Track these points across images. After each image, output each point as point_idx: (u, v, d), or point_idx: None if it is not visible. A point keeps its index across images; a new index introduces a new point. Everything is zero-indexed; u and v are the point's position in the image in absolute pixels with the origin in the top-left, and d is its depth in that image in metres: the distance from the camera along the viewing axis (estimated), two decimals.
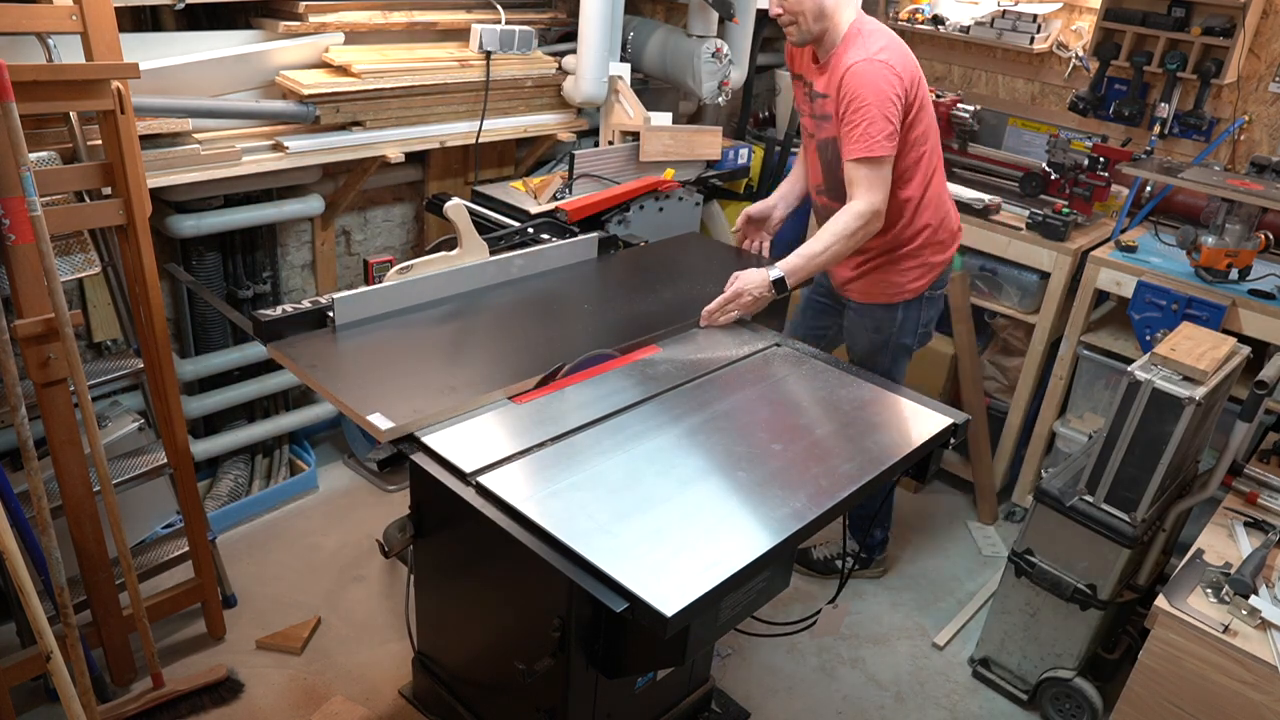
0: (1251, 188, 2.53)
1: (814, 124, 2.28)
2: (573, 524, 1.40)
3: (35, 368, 1.90)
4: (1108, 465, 2.18)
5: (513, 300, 2.12)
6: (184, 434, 2.29)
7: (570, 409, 1.73)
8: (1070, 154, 2.99)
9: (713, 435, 1.68)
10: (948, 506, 3.34)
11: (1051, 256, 2.90)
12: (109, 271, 2.29)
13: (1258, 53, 2.95)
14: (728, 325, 2.12)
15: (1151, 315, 2.67)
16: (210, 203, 2.59)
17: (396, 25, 2.79)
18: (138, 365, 2.23)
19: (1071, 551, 2.28)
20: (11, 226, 1.80)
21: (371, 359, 1.80)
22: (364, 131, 2.71)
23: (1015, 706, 2.49)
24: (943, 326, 3.27)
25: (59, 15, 1.90)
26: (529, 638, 1.70)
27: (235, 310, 2.45)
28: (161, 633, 2.39)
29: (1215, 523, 2.15)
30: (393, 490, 3.08)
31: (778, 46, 3.92)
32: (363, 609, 2.59)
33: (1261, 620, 1.83)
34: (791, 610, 2.68)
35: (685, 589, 1.29)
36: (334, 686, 2.33)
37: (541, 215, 2.70)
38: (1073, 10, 3.28)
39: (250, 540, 2.80)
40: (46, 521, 1.88)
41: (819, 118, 2.24)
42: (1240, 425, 2.14)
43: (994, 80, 3.53)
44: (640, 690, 1.96)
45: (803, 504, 1.50)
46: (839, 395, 1.88)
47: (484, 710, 2.06)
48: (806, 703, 2.44)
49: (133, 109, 1.97)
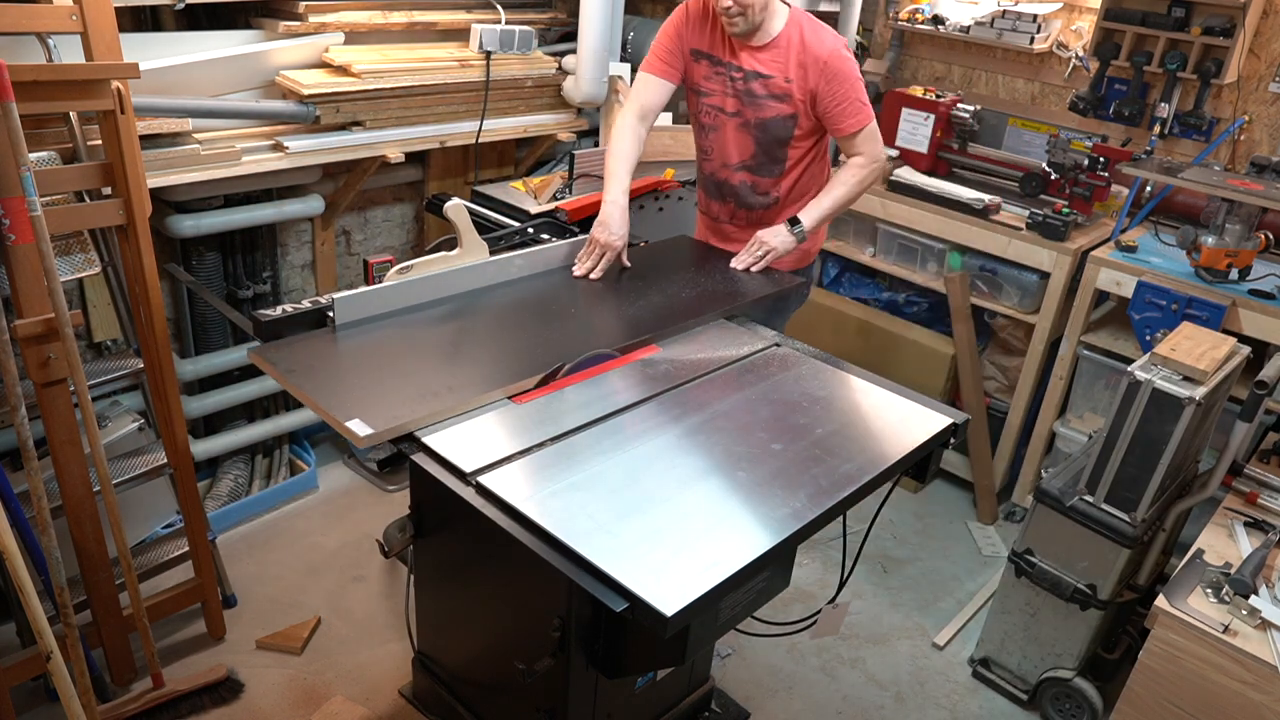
0: (1251, 188, 2.53)
1: (738, 103, 2.31)
2: (573, 524, 1.40)
3: (35, 368, 1.90)
4: (1108, 465, 2.18)
5: (513, 300, 2.12)
6: (184, 434, 2.29)
7: (570, 409, 1.73)
8: (1070, 154, 2.99)
9: (713, 435, 1.68)
10: (948, 506, 3.34)
11: (1051, 256, 2.90)
12: (109, 271, 2.29)
13: (1258, 53, 2.95)
14: (728, 327, 2.13)
15: (1151, 315, 2.67)
16: (210, 203, 2.59)
17: (396, 25, 2.79)
18: (138, 365, 2.23)
19: (1071, 551, 2.28)
20: (11, 226, 1.80)
21: (370, 359, 1.80)
22: (364, 131, 2.71)
23: (1015, 706, 2.49)
24: (943, 326, 3.28)
25: (59, 15, 1.90)
26: (529, 638, 1.70)
27: (235, 310, 2.45)
28: (161, 633, 2.39)
29: (1215, 523, 2.15)
30: (393, 490, 3.09)
31: None
32: (363, 609, 2.59)
33: (1261, 620, 1.83)
34: (791, 610, 2.68)
35: (685, 589, 1.29)
36: (334, 686, 2.33)
37: (541, 215, 2.70)
38: (1073, 10, 3.28)
39: (250, 540, 2.80)
40: (46, 521, 1.88)
41: (756, 97, 2.28)
42: (1240, 425, 2.14)
43: (994, 80, 3.53)
44: (640, 690, 1.96)
45: (803, 504, 1.49)
46: (839, 395, 1.88)
47: (484, 710, 2.06)
48: (806, 703, 2.44)
49: (133, 109, 1.97)
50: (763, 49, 2.25)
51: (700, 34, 2.31)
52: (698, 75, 2.35)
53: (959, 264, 3.14)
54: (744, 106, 2.31)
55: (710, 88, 2.34)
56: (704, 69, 2.33)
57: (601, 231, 2.24)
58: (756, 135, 2.34)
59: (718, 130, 2.39)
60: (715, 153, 2.44)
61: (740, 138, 2.36)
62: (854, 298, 3.51)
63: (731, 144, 2.38)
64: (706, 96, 2.36)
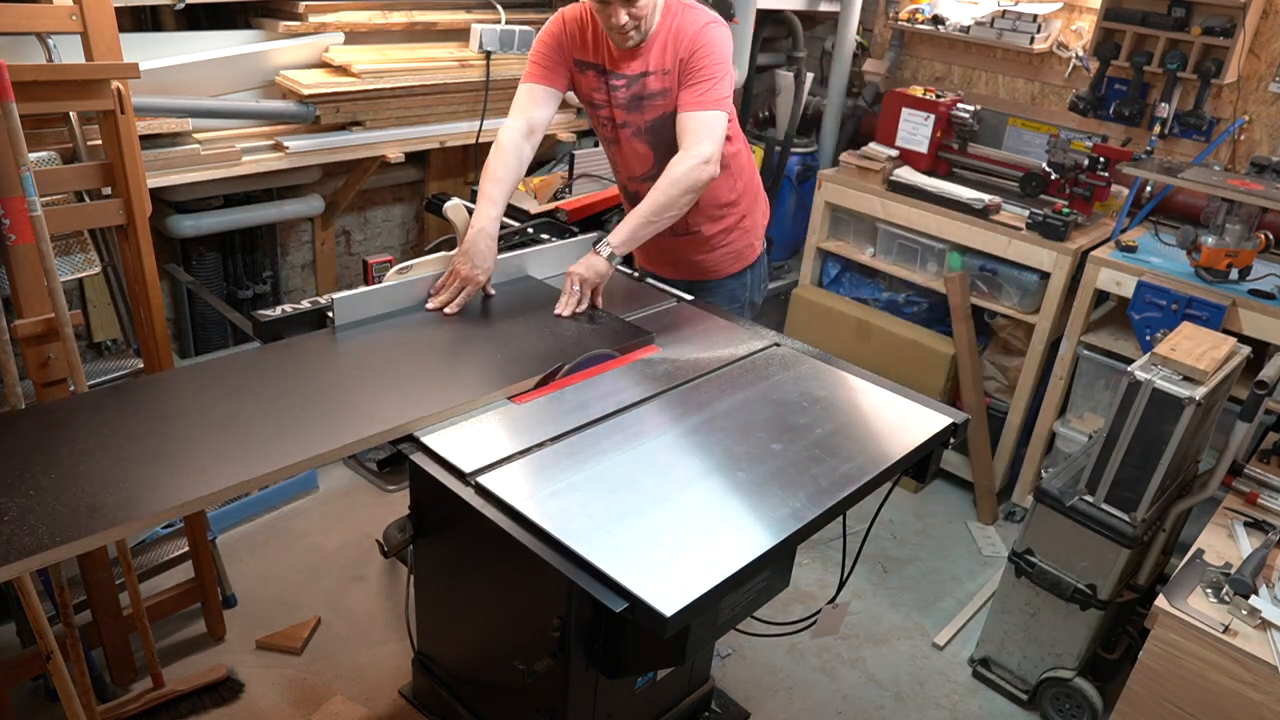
0: (1251, 188, 2.53)
1: (626, 113, 2.15)
2: (572, 524, 1.40)
3: (35, 368, 1.90)
4: (1108, 465, 2.18)
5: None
6: None
7: (570, 409, 1.73)
8: (1070, 154, 2.99)
9: (713, 435, 1.68)
10: (948, 506, 3.34)
11: (1051, 256, 2.90)
12: (109, 271, 2.29)
13: (1258, 53, 2.95)
14: (729, 327, 2.12)
15: (1151, 315, 2.67)
16: (210, 203, 2.59)
17: (396, 25, 2.79)
18: (138, 365, 2.23)
19: (1071, 551, 2.28)
20: (11, 226, 1.80)
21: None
22: (364, 131, 2.71)
23: (1015, 706, 2.49)
24: (943, 326, 3.28)
25: (59, 15, 1.90)
26: (529, 638, 1.70)
27: (235, 310, 2.45)
28: (161, 633, 2.39)
29: (1215, 523, 2.15)
30: (393, 490, 3.09)
31: (778, 46, 3.92)
32: (363, 609, 2.59)
33: (1261, 620, 1.83)
34: (791, 610, 2.68)
35: (685, 589, 1.29)
36: (334, 686, 2.33)
37: (541, 215, 2.70)
38: (1073, 10, 3.28)
39: (250, 540, 2.80)
40: None
41: (644, 98, 2.11)
42: (1240, 425, 2.14)
43: (994, 80, 3.53)
44: (640, 690, 1.96)
45: (803, 504, 1.49)
46: (838, 395, 1.88)
47: (484, 710, 2.06)
48: (806, 703, 2.44)
49: (133, 109, 1.97)
50: (639, 50, 2.08)
51: (583, 44, 2.15)
52: (586, 88, 2.20)
53: (959, 264, 3.14)
54: (630, 114, 2.16)
55: (600, 99, 2.19)
56: (591, 80, 2.18)
57: (463, 263, 2.00)
58: (650, 141, 2.18)
59: (616, 144, 2.26)
60: (620, 166, 2.32)
61: (636, 147, 2.22)
62: (854, 298, 3.51)
63: (630, 155, 2.25)
64: (599, 109, 2.21)
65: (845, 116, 3.73)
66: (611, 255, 2.04)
